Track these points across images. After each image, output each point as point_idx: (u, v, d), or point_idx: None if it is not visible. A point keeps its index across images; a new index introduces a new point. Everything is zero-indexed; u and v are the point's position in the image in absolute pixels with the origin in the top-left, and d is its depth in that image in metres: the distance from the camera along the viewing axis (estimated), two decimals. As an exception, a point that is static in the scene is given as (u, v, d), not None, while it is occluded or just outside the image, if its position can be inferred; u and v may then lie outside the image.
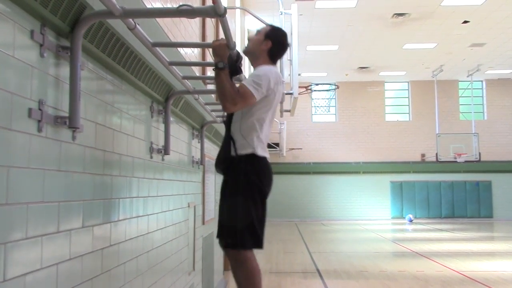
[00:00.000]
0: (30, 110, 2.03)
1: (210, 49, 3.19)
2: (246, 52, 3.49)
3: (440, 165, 22.32)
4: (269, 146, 22.05)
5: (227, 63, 3.14)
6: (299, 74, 15.17)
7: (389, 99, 25.37)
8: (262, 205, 3.26)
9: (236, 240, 3.17)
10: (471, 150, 20.49)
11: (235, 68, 3.28)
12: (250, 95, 3.11)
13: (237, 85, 3.45)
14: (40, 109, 2.10)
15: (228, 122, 3.37)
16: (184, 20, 5.26)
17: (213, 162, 3.67)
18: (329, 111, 25.16)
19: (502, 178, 23.94)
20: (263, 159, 3.25)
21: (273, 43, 3.40)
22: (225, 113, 3.47)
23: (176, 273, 4.77)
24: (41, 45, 2.12)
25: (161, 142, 4.18)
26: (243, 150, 3.19)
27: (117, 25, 2.69)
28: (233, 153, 3.22)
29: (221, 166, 3.34)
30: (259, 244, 3.23)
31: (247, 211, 3.15)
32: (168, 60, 3.34)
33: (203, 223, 6.23)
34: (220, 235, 3.33)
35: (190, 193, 5.46)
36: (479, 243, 14.03)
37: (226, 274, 8.77)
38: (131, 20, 2.57)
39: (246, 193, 3.16)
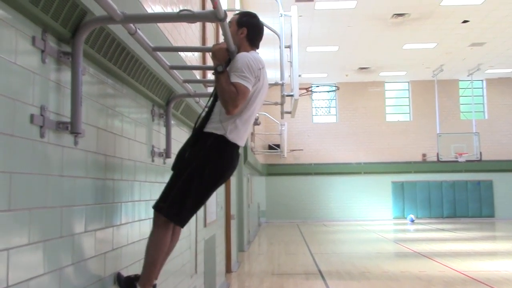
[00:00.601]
0: (32, 116, 2.04)
1: (210, 53, 3.16)
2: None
3: (441, 165, 22.31)
4: (270, 147, 22.10)
5: (226, 66, 3.14)
6: (299, 75, 15.18)
7: (389, 99, 25.37)
8: (209, 186, 3.11)
9: (164, 205, 3.01)
10: (472, 150, 20.48)
11: None
12: (246, 89, 3.05)
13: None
14: (42, 115, 2.11)
15: (213, 100, 3.28)
16: (184, 23, 5.27)
17: None
18: (329, 112, 25.16)
19: (504, 178, 23.92)
20: (232, 144, 3.15)
21: (248, 28, 3.32)
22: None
23: (179, 275, 4.77)
24: (42, 51, 2.14)
25: (163, 146, 4.19)
26: (215, 130, 3.11)
27: (118, 30, 2.70)
28: (206, 129, 3.13)
29: (187, 145, 3.22)
30: (180, 221, 3.06)
31: (188, 183, 3.02)
32: (168, 64, 3.35)
33: (205, 225, 6.24)
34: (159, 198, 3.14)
35: (192, 195, 5.46)
36: (481, 243, 14.02)
37: (228, 276, 8.77)
38: (131, 25, 2.59)
39: (198, 167, 3.04)
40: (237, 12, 3.53)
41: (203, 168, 3.04)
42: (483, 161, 20.90)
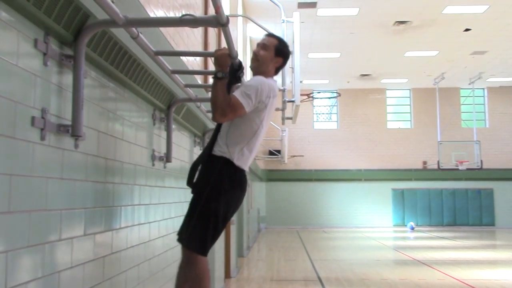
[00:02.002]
0: (33, 118, 2.04)
1: (213, 58, 3.16)
2: (255, 70, 3.30)
3: (441, 173, 22.28)
4: (271, 153, 22.08)
5: (228, 72, 3.13)
6: (300, 82, 15.19)
7: (390, 107, 25.37)
8: (226, 212, 3.11)
9: (185, 236, 3.04)
10: (473, 158, 20.45)
11: (235, 77, 3.24)
12: (240, 106, 3.02)
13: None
14: (43, 118, 2.11)
15: (218, 124, 3.25)
16: (186, 28, 5.28)
17: None
18: (330, 118, 25.18)
19: (504, 186, 23.89)
20: (241, 170, 3.15)
21: (283, 60, 3.32)
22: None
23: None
24: (44, 54, 2.14)
25: (163, 150, 4.19)
26: (223, 154, 3.11)
27: (120, 33, 2.70)
28: (214, 152, 3.13)
29: (199, 161, 3.20)
30: (203, 251, 3.05)
31: (206, 211, 3.02)
32: (170, 68, 3.35)
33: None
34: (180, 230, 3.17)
35: (192, 200, 5.45)
36: (481, 251, 13.98)
37: (227, 282, 8.75)
38: (134, 29, 2.59)
39: (213, 194, 3.04)
40: (270, 33, 3.40)
41: (217, 195, 3.05)
42: (483, 169, 20.87)
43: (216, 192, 3.05)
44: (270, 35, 3.40)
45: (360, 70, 21.47)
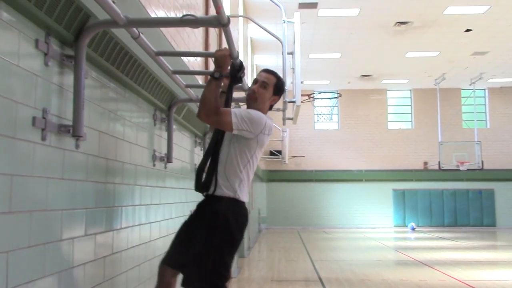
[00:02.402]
0: (34, 118, 2.04)
1: (213, 58, 3.16)
2: (250, 108, 3.24)
3: (442, 173, 22.25)
4: (271, 153, 22.08)
5: (229, 72, 3.13)
6: (301, 82, 15.17)
7: (391, 107, 25.36)
8: (236, 247, 3.13)
9: (202, 284, 2.96)
10: (473, 158, 20.43)
11: (236, 78, 3.21)
12: (227, 121, 2.99)
13: (238, 94, 3.42)
14: (44, 118, 2.11)
15: (215, 148, 3.16)
16: (187, 28, 5.28)
17: None
18: (331, 119, 25.17)
19: (505, 187, 23.87)
20: (243, 204, 3.14)
21: (279, 97, 3.34)
22: (210, 132, 3.22)
23: (178, 281, 4.75)
24: (45, 54, 2.14)
25: (164, 150, 4.19)
26: (225, 191, 3.06)
27: (121, 34, 2.70)
28: (216, 192, 3.07)
29: (202, 191, 3.17)
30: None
31: (220, 254, 2.97)
32: (171, 68, 3.35)
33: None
34: (188, 275, 3.05)
35: (193, 201, 5.46)
36: (482, 252, 13.97)
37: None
38: (135, 29, 2.59)
39: (222, 237, 2.99)
40: (267, 70, 3.34)
41: (228, 237, 3.01)
42: (484, 170, 20.85)
43: (226, 234, 3.01)
44: (268, 71, 3.34)
45: (361, 70, 21.47)
